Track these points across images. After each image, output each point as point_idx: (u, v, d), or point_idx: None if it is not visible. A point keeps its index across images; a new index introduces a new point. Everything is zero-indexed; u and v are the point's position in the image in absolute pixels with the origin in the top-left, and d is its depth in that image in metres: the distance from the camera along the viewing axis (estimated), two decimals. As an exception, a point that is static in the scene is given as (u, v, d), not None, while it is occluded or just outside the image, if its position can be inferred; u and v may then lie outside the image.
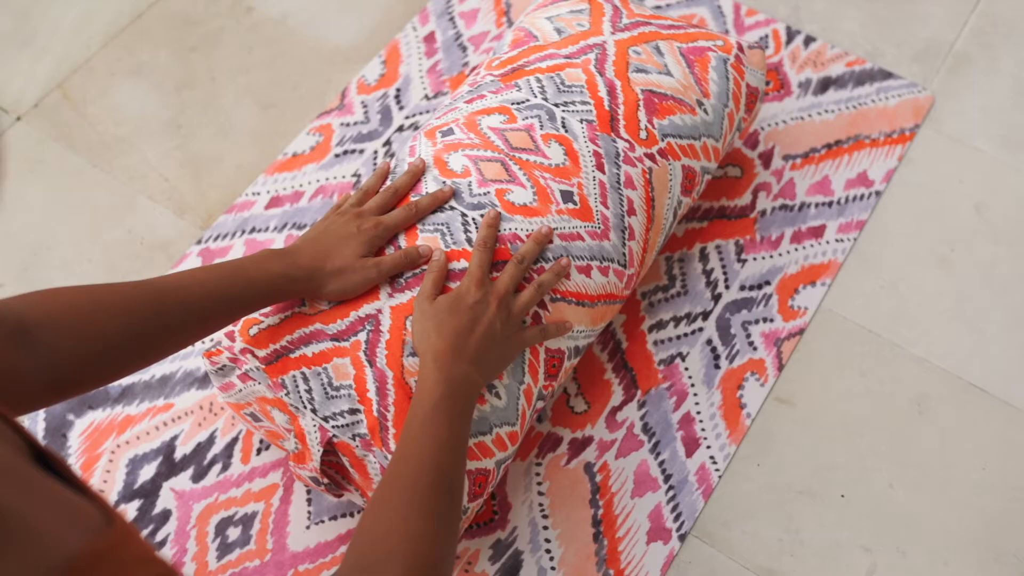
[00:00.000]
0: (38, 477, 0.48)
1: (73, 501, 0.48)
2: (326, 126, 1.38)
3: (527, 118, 1.10)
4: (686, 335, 1.22)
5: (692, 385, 1.19)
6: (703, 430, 1.16)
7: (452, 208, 1.04)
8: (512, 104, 1.11)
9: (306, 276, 0.96)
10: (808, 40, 1.46)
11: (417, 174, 1.06)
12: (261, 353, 1.00)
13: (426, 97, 1.40)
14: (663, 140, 1.13)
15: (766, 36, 1.46)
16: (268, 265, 0.94)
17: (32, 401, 0.80)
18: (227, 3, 1.49)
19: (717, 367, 1.20)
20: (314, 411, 0.98)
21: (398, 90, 1.41)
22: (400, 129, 1.37)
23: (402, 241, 1.02)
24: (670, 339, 1.22)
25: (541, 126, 1.09)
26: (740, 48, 1.22)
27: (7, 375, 0.77)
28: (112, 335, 0.84)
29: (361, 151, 1.35)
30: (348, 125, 1.38)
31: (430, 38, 1.46)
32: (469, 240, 1.02)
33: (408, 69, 1.43)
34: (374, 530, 0.80)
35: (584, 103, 1.11)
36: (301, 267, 0.96)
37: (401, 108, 1.39)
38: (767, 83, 1.41)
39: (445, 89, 1.40)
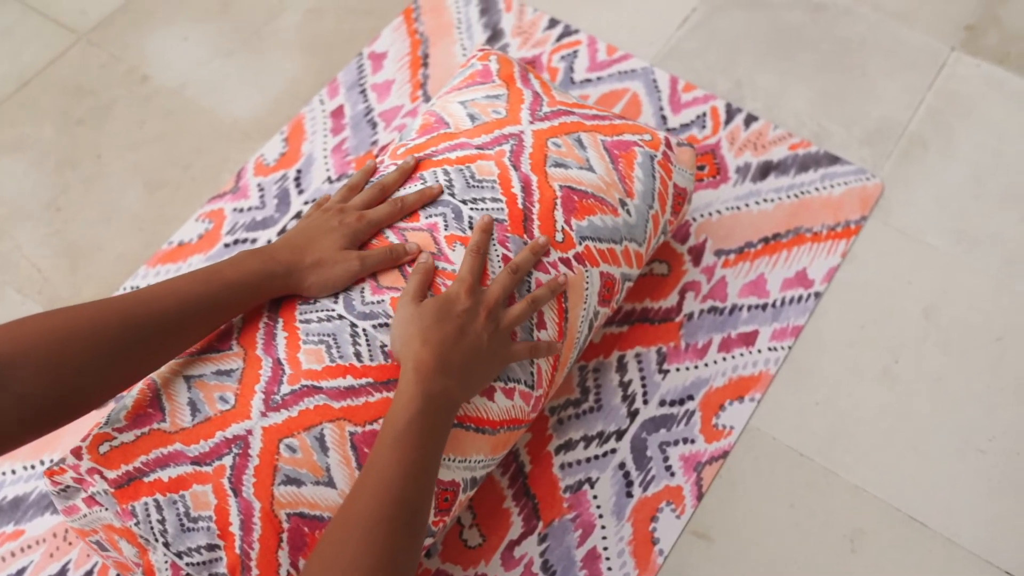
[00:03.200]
0: None
1: None
2: (217, 211, 1.26)
3: (430, 216, 1.00)
4: (597, 457, 1.10)
5: (600, 516, 1.07)
6: (609, 569, 1.04)
7: (341, 317, 0.93)
8: None
9: (285, 271, 0.92)
10: (750, 119, 1.34)
11: (407, 172, 1.03)
12: (111, 475, 0.89)
13: (328, 180, 1.28)
14: (581, 243, 1.02)
15: (704, 114, 1.34)
16: (245, 264, 0.91)
17: (9, 441, 0.77)
18: (122, 71, 1.38)
19: (629, 495, 1.08)
20: (166, 545, 0.88)
21: (299, 171, 1.29)
22: (298, 215, 1.25)
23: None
24: (579, 462, 1.10)
25: (446, 226, 0.99)
26: (668, 144, 1.11)
27: None
28: (87, 361, 0.80)
29: (254, 240, 1.24)
30: (241, 211, 1.26)
31: (338, 112, 1.34)
32: (357, 354, 0.92)
33: (312, 148, 1.31)
34: (322, 566, 0.76)
35: (495, 200, 1.01)
36: (279, 262, 0.92)
37: (300, 192, 1.28)
38: (702, 168, 1.30)
39: (350, 171, 1.29)
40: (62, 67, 1.38)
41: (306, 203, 1.27)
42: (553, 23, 1.43)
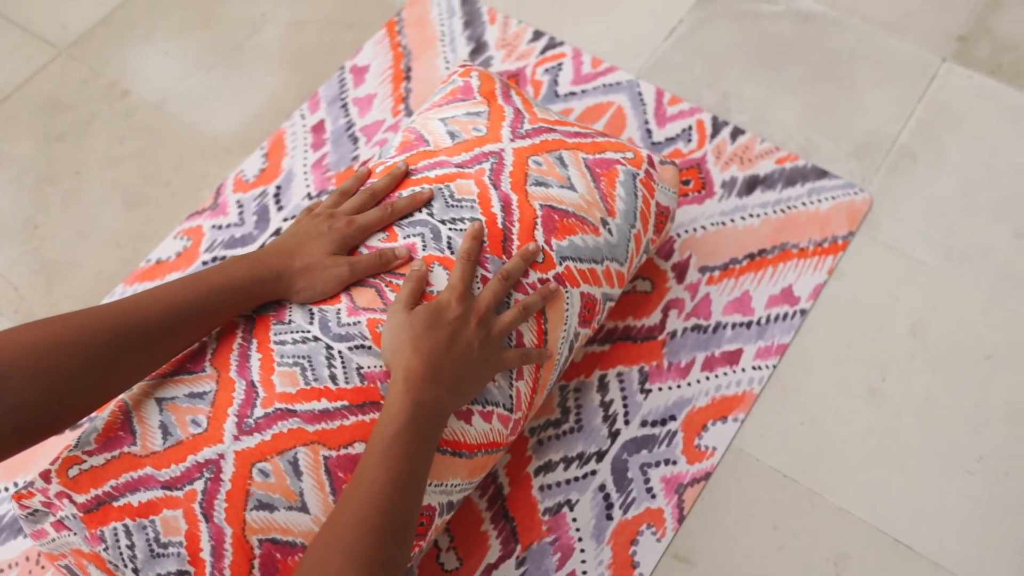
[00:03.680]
0: None
1: None
2: (196, 228, 1.25)
3: (408, 236, 0.98)
4: (577, 479, 1.09)
5: (580, 540, 1.05)
6: (589, 594, 1.03)
7: (316, 339, 0.92)
8: None
9: (273, 276, 0.92)
10: (736, 132, 1.32)
11: (398, 177, 1.02)
12: (80, 499, 0.88)
13: (308, 196, 1.27)
14: (561, 264, 1.01)
15: (690, 127, 1.32)
16: (233, 270, 0.90)
17: (1, 451, 0.78)
18: (102, 86, 1.36)
19: (609, 518, 1.06)
20: (136, 571, 0.86)
21: (278, 188, 1.28)
22: (276, 233, 1.24)
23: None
24: (559, 484, 1.08)
25: (424, 246, 0.97)
26: (651, 162, 1.09)
27: None
28: (76, 369, 0.80)
29: (232, 258, 1.22)
30: (220, 228, 1.25)
31: (319, 127, 1.33)
32: (332, 377, 0.91)
33: (292, 163, 1.30)
34: None
35: (474, 220, 0.99)
36: (268, 267, 0.92)
37: (280, 208, 1.26)
38: (687, 183, 1.28)
39: (330, 187, 1.28)
40: (42, 82, 1.37)
41: (285, 220, 1.25)
42: (538, 35, 1.41)
